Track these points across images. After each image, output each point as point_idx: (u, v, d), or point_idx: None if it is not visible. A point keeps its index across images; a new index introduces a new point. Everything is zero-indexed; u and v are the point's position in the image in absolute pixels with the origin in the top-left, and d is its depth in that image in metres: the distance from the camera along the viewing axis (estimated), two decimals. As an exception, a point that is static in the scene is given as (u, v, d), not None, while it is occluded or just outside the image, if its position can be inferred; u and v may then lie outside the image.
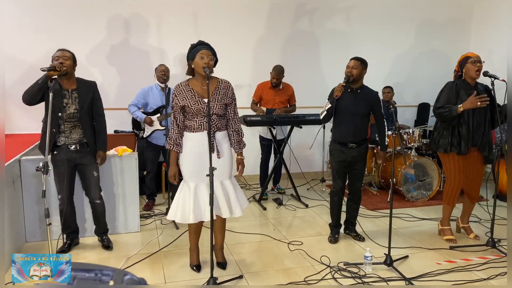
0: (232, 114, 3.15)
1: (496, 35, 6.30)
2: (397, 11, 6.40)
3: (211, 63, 2.94)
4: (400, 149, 5.08)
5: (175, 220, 3.15)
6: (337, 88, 3.61)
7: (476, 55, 3.66)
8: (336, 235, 3.94)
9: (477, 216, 4.47)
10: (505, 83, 3.51)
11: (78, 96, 3.38)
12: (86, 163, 3.49)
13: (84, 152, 3.46)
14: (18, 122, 4.93)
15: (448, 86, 3.72)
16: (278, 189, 5.53)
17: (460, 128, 3.65)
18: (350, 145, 3.69)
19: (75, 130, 3.40)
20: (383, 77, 6.33)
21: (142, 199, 4.74)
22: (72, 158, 3.42)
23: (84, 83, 3.46)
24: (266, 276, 3.23)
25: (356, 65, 3.65)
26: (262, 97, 5.16)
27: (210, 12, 5.65)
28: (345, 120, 3.66)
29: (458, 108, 3.55)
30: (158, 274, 3.24)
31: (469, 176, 3.79)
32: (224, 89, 3.09)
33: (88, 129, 3.45)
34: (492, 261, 3.45)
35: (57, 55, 3.31)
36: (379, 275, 3.19)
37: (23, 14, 5.05)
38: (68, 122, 3.36)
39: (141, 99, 4.67)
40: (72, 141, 3.40)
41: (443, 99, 3.68)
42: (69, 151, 3.40)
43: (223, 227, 3.32)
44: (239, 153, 3.18)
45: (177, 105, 3.02)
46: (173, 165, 3.09)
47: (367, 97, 3.69)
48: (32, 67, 5.08)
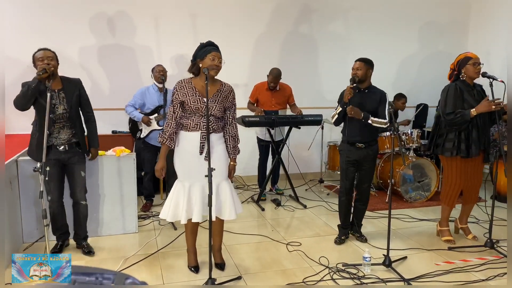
0: (231, 119, 3.16)
1: (493, 37, 6.31)
2: (396, 13, 6.41)
3: (220, 66, 3.00)
4: (399, 150, 5.08)
5: (166, 219, 3.14)
6: (346, 92, 3.60)
7: (476, 57, 3.64)
8: (343, 237, 3.90)
9: (476, 217, 4.47)
10: (503, 84, 3.51)
11: (66, 95, 3.31)
12: (74, 162, 3.43)
13: (73, 152, 3.40)
14: (15, 123, 4.90)
15: (452, 89, 3.65)
16: (276, 190, 5.52)
17: (469, 131, 3.61)
18: (358, 145, 3.70)
19: (63, 131, 3.34)
20: (382, 79, 6.33)
21: (139, 200, 4.72)
22: (61, 158, 3.36)
23: (69, 82, 3.38)
24: (264, 277, 3.22)
25: (360, 66, 3.66)
26: (259, 99, 5.15)
27: (208, 13, 5.64)
28: (354, 120, 3.65)
29: (471, 112, 3.51)
30: (156, 275, 3.23)
31: (470, 178, 3.78)
32: (226, 92, 3.11)
33: (77, 128, 3.39)
34: (490, 262, 3.45)
35: (40, 56, 3.19)
36: (378, 276, 3.19)
37: (19, 14, 5.03)
38: (57, 123, 3.30)
39: (138, 99, 4.66)
40: (61, 142, 3.33)
41: (451, 104, 3.61)
42: (58, 151, 3.34)
43: (221, 229, 3.31)
44: (232, 159, 3.18)
45: (177, 99, 3.03)
46: (162, 159, 3.06)
47: (375, 96, 3.70)
48: (29, 67, 5.06)
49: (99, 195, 3.91)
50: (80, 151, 3.46)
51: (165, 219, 3.14)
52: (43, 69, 3.10)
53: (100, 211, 3.93)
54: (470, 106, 3.59)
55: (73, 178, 3.48)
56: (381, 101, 3.69)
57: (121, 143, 4.35)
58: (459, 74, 3.71)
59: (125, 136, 5.24)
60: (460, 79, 3.70)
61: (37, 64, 3.20)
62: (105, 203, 3.93)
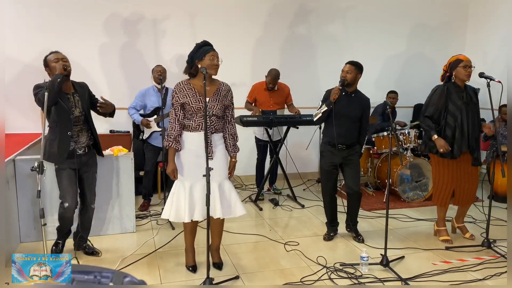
0: (230, 118, 3.21)
1: (491, 37, 6.33)
2: (392, 14, 6.43)
3: (219, 64, 3.04)
4: (397, 150, 5.09)
5: (169, 219, 3.15)
6: (334, 91, 3.62)
7: (467, 59, 3.65)
8: (331, 233, 3.97)
9: (473, 216, 4.48)
10: (501, 84, 3.52)
11: (80, 98, 3.27)
12: (90, 164, 3.41)
13: (89, 154, 3.39)
14: (13, 122, 4.89)
15: (439, 90, 3.72)
16: (274, 189, 5.53)
17: (453, 132, 3.65)
18: (340, 146, 3.72)
19: (82, 134, 3.30)
20: (378, 78, 6.36)
21: (137, 199, 4.72)
22: (80, 162, 3.30)
23: (79, 85, 3.36)
24: (262, 277, 3.22)
25: (350, 69, 3.69)
26: (257, 99, 5.15)
27: (206, 13, 5.64)
28: (338, 122, 3.68)
29: (433, 136, 3.65)
30: (154, 275, 3.23)
31: (461, 179, 3.78)
32: (225, 91, 3.15)
33: (93, 130, 3.37)
34: (487, 262, 3.46)
35: (54, 57, 3.14)
36: (376, 276, 3.19)
37: (17, 13, 5.01)
38: (75, 126, 3.24)
39: (139, 101, 4.67)
40: (81, 146, 3.29)
41: (433, 108, 3.70)
42: (78, 155, 3.27)
43: (221, 228, 3.32)
44: (233, 156, 3.23)
45: (177, 102, 3.04)
46: (172, 162, 3.07)
47: (360, 101, 3.76)
48: (27, 66, 5.07)
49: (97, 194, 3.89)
50: (95, 153, 3.47)
51: (168, 219, 3.15)
52: (64, 69, 3.06)
53: (98, 211, 3.91)
54: (456, 108, 3.64)
55: (87, 180, 3.42)
56: (366, 107, 3.79)
57: (119, 142, 4.34)
58: (450, 76, 3.74)
59: (123, 136, 5.24)
60: (452, 81, 3.72)
61: (51, 65, 3.12)
62: (103, 203, 3.92)
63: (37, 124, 5.08)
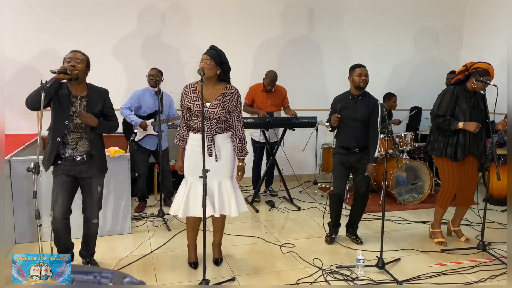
0: (236, 121, 3.23)
1: (487, 41, 6.36)
2: (392, 17, 6.45)
3: (205, 66, 3.06)
4: (393, 152, 5.11)
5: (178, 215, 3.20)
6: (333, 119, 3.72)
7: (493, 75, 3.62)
8: (333, 235, 3.96)
9: (468, 219, 4.50)
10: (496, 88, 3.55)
11: (88, 104, 3.00)
12: (91, 176, 3.09)
13: (90, 164, 3.07)
14: (9, 122, 4.87)
15: (449, 92, 3.70)
16: (270, 191, 5.53)
17: (457, 136, 3.66)
18: (353, 149, 3.75)
19: (81, 143, 3.03)
20: (377, 81, 6.37)
21: (133, 201, 4.71)
22: (77, 169, 3.04)
23: (95, 90, 3.09)
24: (258, 279, 3.22)
25: (367, 73, 3.73)
26: (255, 100, 5.15)
27: (206, 13, 5.64)
28: (348, 126, 3.73)
29: (458, 124, 3.60)
30: (149, 276, 3.22)
31: (465, 182, 3.80)
32: (229, 95, 3.16)
33: (96, 142, 3.08)
34: (482, 264, 3.48)
35: (69, 56, 2.95)
36: (371, 278, 3.20)
37: (14, 13, 5.00)
38: (74, 133, 2.99)
39: (134, 102, 4.61)
40: (78, 154, 3.03)
41: (444, 107, 3.68)
42: (75, 162, 3.03)
43: (221, 224, 3.41)
44: (241, 160, 3.28)
45: (183, 105, 3.18)
46: (180, 159, 3.28)
47: (368, 104, 3.75)
48: (24, 66, 5.05)
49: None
50: (98, 164, 3.11)
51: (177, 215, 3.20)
52: (64, 69, 2.84)
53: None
54: (462, 112, 3.64)
55: (87, 192, 3.13)
56: (374, 109, 3.74)
57: (115, 143, 4.32)
58: (465, 79, 3.71)
59: (119, 137, 5.20)
60: (463, 84, 3.72)
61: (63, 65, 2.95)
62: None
63: (32, 125, 5.06)
